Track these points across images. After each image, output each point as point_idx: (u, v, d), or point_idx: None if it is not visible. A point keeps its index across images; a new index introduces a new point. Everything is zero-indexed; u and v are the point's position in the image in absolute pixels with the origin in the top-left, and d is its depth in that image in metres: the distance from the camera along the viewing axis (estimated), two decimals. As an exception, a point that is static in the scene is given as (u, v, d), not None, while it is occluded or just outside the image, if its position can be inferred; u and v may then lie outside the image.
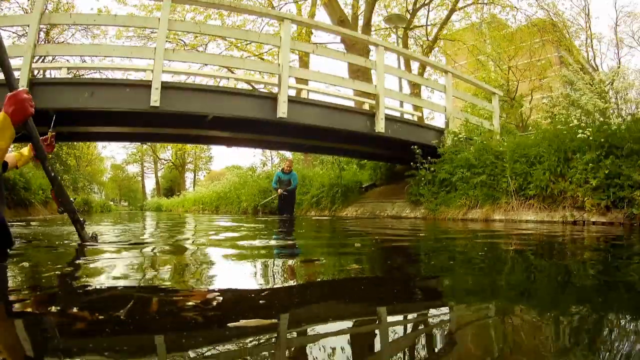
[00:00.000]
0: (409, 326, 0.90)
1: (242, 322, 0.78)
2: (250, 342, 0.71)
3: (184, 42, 13.69)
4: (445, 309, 1.03)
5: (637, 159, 4.32)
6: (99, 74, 11.46)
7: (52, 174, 1.73)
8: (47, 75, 10.62)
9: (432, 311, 0.99)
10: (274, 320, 0.82)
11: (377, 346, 0.75)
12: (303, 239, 3.16)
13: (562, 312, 0.95)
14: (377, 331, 0.84)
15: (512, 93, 13.82)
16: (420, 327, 0.88)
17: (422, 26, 15.18)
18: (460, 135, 6.97)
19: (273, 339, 0.74)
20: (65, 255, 1.91)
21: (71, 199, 1.96)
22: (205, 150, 43.12)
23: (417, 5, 14.29)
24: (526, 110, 12.50)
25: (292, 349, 0.72)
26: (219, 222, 5.71)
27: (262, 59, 13.82)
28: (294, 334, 0.80)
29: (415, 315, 0.98)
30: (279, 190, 8.87)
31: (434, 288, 1.29)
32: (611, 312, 0.96)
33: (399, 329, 0.87)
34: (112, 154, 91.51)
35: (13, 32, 12.99)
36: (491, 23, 14.73)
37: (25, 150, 2.19)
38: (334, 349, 0.69)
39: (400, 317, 0.97)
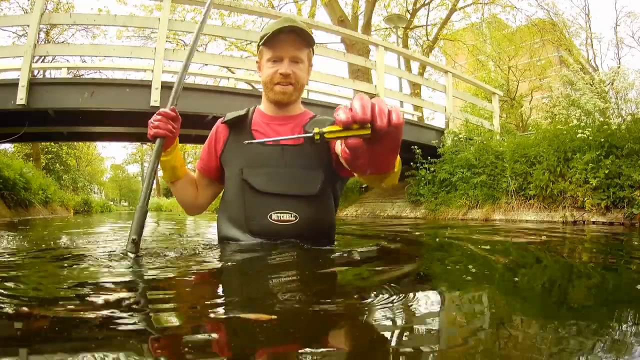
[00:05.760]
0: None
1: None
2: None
3: (184, 42, 13.72)
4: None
5: (637, 159, 4.33)
6: (99, 74, 11.49)
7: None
8: (47, 75, 10.66)
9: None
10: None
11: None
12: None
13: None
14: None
15: (512, 93, 13.82)
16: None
17: (422, 26, 15.19)
18: (460, 135, 6.98)
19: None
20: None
21: None
22: (206, 150, 43.09)
23: (417, 5, 14.30)
24: (526, 110, 12.50)
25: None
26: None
27: (262, 59, 13.81)
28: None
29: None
30: None
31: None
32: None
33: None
34: (112, 154, 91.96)
35: (13, 32, 13.04)
36: (491, 23, 14.74)
37: None
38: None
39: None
